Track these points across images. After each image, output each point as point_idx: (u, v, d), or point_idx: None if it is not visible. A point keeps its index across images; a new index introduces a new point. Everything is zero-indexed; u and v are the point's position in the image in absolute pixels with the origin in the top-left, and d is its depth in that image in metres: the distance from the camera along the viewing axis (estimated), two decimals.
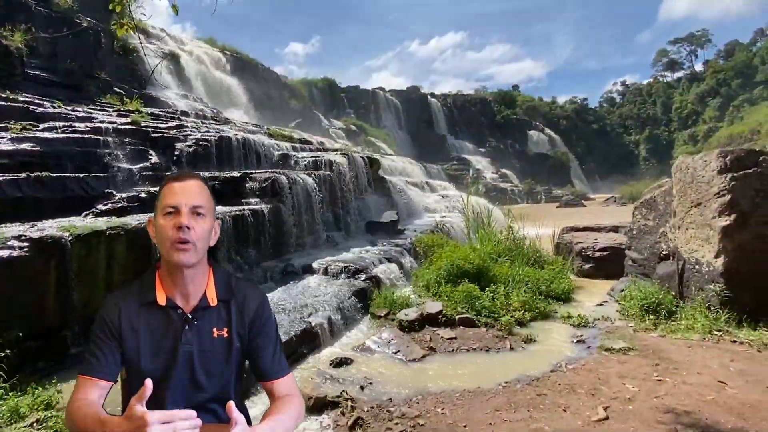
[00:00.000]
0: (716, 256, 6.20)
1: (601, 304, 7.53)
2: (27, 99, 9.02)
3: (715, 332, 5.70)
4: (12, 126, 7.48)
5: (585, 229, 10.90)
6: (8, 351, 4.30)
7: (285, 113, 33.61)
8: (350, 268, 8.08)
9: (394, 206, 14.19)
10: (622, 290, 7.56)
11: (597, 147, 77.30)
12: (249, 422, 1.28)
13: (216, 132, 10.94)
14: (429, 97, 66.45)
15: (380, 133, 49.06)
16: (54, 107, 9.18)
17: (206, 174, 8.94)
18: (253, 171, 9.49)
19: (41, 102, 9.19)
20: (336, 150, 15.08)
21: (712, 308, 6.01)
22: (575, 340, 5.92)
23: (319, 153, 13.23)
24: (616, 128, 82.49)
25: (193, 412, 1.16)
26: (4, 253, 4.75)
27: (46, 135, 7.59)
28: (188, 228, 1.36)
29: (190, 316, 1.44)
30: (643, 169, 67.91)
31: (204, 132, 10.70)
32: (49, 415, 3.72)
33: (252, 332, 1.50)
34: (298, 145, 14.04)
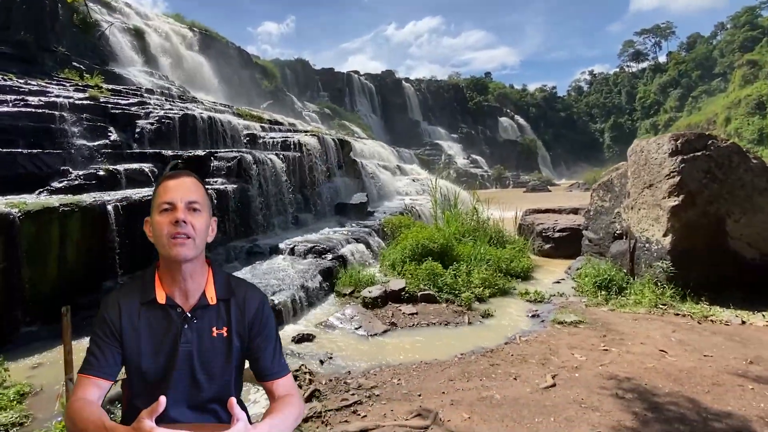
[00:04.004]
0: (665, 235, 6.54)
1: (558, 282, 7.84)
2: None
3: (661, 306, 6.06)
4: None
5: (546, 211, 11.20)
6: None
7: (256, 94, 32.80)
8: (317, 248, 8.10)
9: (364, 189, 14.22)
10: (578, 268, 7.87)
11: (564, 134, 79.10)
12: (249, 421, 1.26)
13: (180, 110, 10.59)
14: (403, 81, 66.19)
15: (354, 117, 48.67)
16: (4, 79, 8.67)
17: (169, 152, 8.70)
18: (219, 150, 9.30)
19: None
20: (306, 131, 14.90)
21: (659, 284, 6.37)
22: (530, 315, 6.16)
23: (289, 134, 13.05)
24: (583, 116, 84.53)
25: None
26: None
27: None
28: (185, 222, 1.36)
29: (189, 315, 1.43)
30: (607, 156, 69.88)
31: (167, 110, 10.34)
32: None
33: (252, 332, 1.49)
34: (267, 126, 13.79)
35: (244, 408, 1.41)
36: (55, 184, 6.80)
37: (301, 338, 5.40)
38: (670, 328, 5.30)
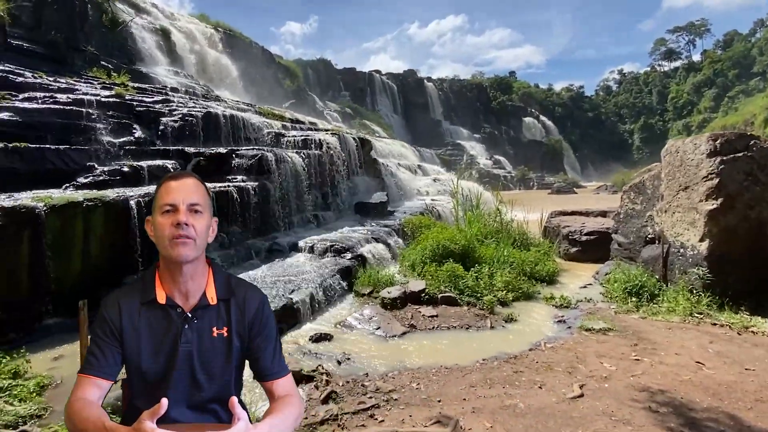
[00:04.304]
0: (701, 240, 6.20)
1: (585, 287, 7.55)
2: (6, 68, 8.75)
3: (696, 315, 5.73)
4: None
5: (573, 213, 10.88)
6: None
7: (279, 94, 33.09)
8: (336, 246, 8.04)
9: (384, 188, 14.11)
10: (607, 273, 7.58)
11: (591, 135, 77.18)
12: (249, 421, 1.25)
13: (203, 108, 10.71)
14: (426, 81, 65.75)
15: (375, 116, 48.61)
16: (35, 77, 8.92)
17: (191, 150, 8.78)
18: (240, 148, 9.34)
19: (21, 72, 8.92)
20: (327, 130, 14.89)
21: (694, 291, 6.03)
22: (556, 320, 5.93)
23: (310, 132, 13.05)
24: (611, 117, 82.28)
25: None
26: None
27: (26, 105, 7.38)
28: (186, 225, 1.36)
29: (189, 315, 1.43)
30: (637, 158, 67.87)
31: (191, 107, 10.47)
32: (15, 383, 3.68)
33: (252, 332, 1.49)
34: (288, 124, 13.83)
35: (244, 408, 1.38)
36: (81, 180, 6.92)
37: (319, 338, 5.32)
38: (706, 339, 5.01)
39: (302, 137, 11.94)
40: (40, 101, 7.76)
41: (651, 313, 5.98)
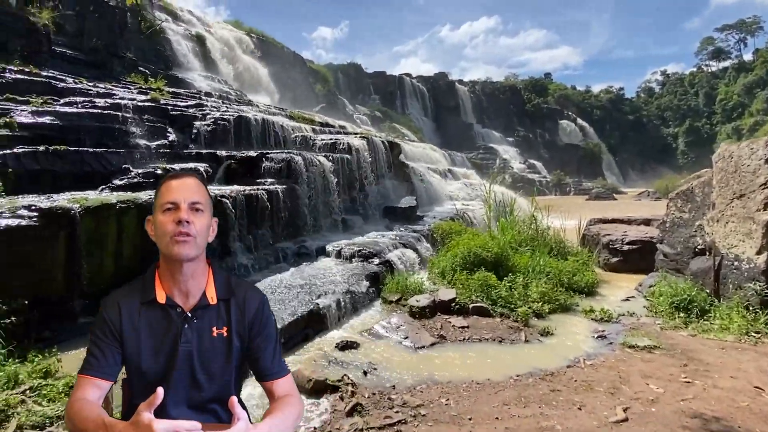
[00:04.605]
0: (758, 253, 5.71)
1: (628, 299, 7.11)
2: (49, 74, 9.16)
3: (753, 334, 5.26)
4: (33, 99, 7.58)
5: (614, 221, 10.36)
6: (13, 318, 4.32)
7: (310, 98, 33.53)
8: (364, 251, 7.92)
9: (413, 192, 13.93)
10: (651, 286, 7.12)
11: (632, 139, 73.97)
12: (249, 421, 1.25)
13: (235, 112, 10.87)
14: (457, 84, 65.04)
15: (405, 119, 48.46)
16: (76, 83, 9.29)
17: (223, 153, 8.89)
18: (270, 151, 9.38)
19: (63, 77, 9.33)
20: (356, 133, 14.85)
21: (750, 308, 5.56)
22: (596, 335, 5.57)
23: (339, 136, 13.04)
24: (654, 120, 78.66)
25: (198, 424, 1.15)
26: (13, 221, 4.77)
27: (66, 109, 7.67)
28: (188, 222, 1.36)
29: (189, 315, 1.43)
30: (681, 162, 64.64)
31: (223, 112, 10.66)
32: (45, 383, 3.70)
33: (252, 332, 1.49)
34: (318, 128, 13.88)
35: (244, 408, 1.36)
36: (117, 182, 7.08)
37: (345, 345, 5.18)
38: (766, 361, 4.56)
39: (331, 141, 11.95)
40: (79, 105, 8.05)
41: (701, 331, 5.53)
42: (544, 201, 11.11)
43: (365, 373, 4.54)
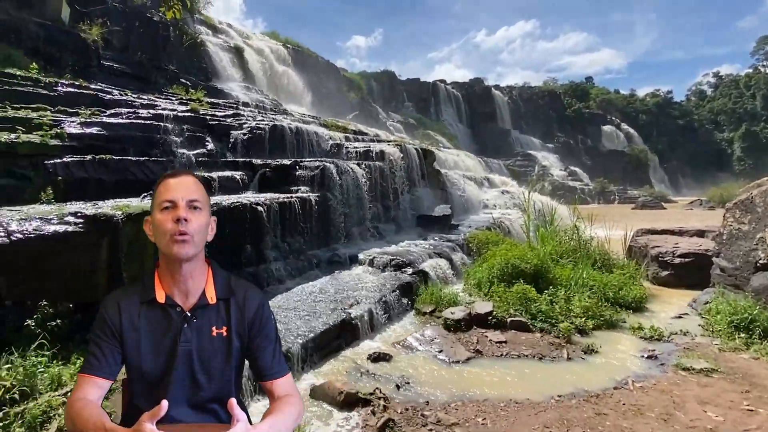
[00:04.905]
0: None
1: (680, 317, 6.62)
2: (97, 87, 9.65)
3: None
4: (82, 111, 7.98)
5: (664, 232, 9.78)
6: (58, 321, 4.46)
7: (343, 106, 33.94)
8: (397, 261, 7.79)
9: (448, 200, 13.68)
10: (707, 302, 6.62)
11: (682, 144, 70.09)
12: (249, 421, 1.26)
13: (270, 121, 11.08)
14: (493, 89, 63.97)
15: (439, 126, 48.11)
16: (121, 95, 9.74)
17: (258, 161, 9.03)
18: (304, 159, 9.46)
19: (110, 90, 9.81)
20: (389, 141, 14.80)
21: None
22: (646, 355, 5.19)
23: (372, 143, 13.02)
24: (706, 124, 74.30)
25: None
26: (60, 227, 4.95)
27: (112, 120, 8.02)
28: (186, 220, 1.36)
29: (189, 315, 1.43)
30: (738, 170, 60.65)
31: (259, 121, 10.89)
32: None
33: (252, 332, 1.49)
34: (351, 136, 13.93)
35: (243, 408, 1.40)
36: None
37: (378, 357, 5.06)
38: None
39: (364, 148, 11.93)
40: (124, 116, 8.42)
41: (765, 354, 5.04)
42: (587, 210, 10.60)
43: (398, 386, 4.41)
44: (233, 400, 1.22)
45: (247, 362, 1.55)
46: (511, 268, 6.97)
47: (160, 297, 1.43)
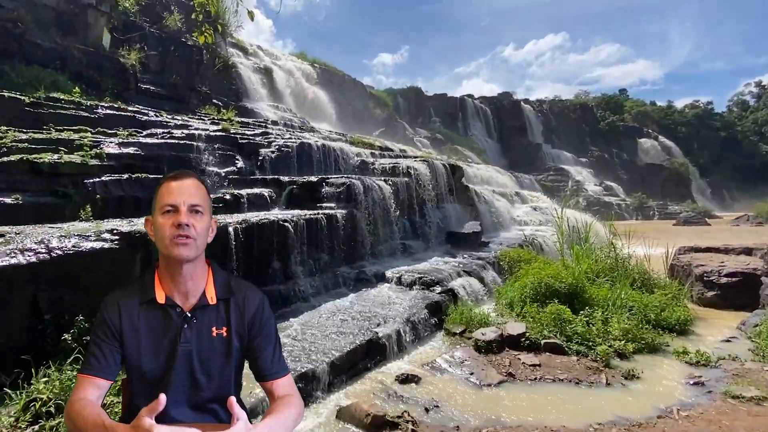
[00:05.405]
0: None
1: (729, 340, 6.19)
2: (134, 109, 10.14)
3: None
4: (120, 132, 8.36)
5: (708, 249, 9.27)
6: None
7: (370, 123, 34.31)
8: (425, 279, 7.66)
9: (477, 217, 13.42)
10: (757, 325, 6.21)
11: (725, 157, 66.74)
12: (249, 421, 1.26)
13: (297, 139, 11.30)
14: (522, 103, 63.16)
15: (467, 141, 47.75)
16: (157, 116, 10.18)
17: (286, 178, 9.18)
18: (330, 176, 9.54)
19: (146, 111, 10.30)
20: (416, 157, 14.77)
21: None
22: (691, 382, 4.86)
23: (398, 159, 13.03)
24: (750, 136, 70.69)
25: (197, 431, 1.16)
26: (98, 244, 5.11)
27: (148, 140, 8.39)
28: (188, 226, 1.38)
29: (189, 315, 1.44)
30: None
31: (287, 139, 11.13)
32: (118, 400, 3.81)
33: (252, 332, 1.50)
34: (377, 152, 14.00)
35: (243, 408, 1.37)
36: None
37: (406, 379, 4.92)
38: None
39: (390, 165, 11.94)
40: (159, 137, 8.79)
41: None
42: (624, 226, 10.15)
43: (426, 410, 4.27)
44: (233, 399, 1.23)
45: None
46: (544, 287, 6.71)
47: (160, 297, 1.44)
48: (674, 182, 53.10)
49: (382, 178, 10.51)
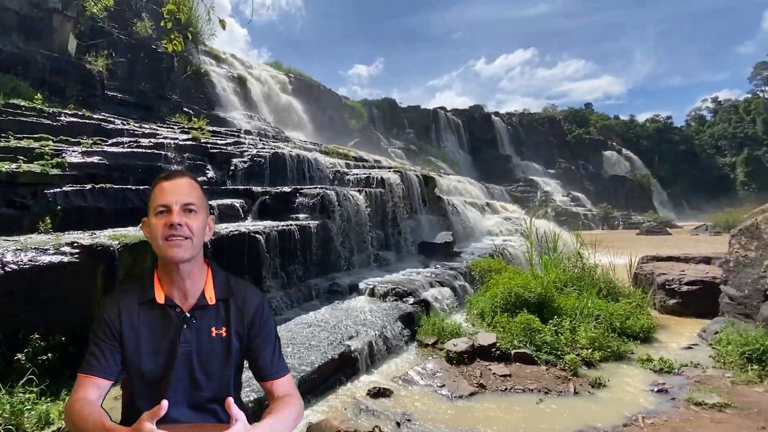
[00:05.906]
0: None
1: (690, 347, 6.41)
2: (100, 117, 9.81)
3: None
4: (84, 141, 8.06)
5: (669, 258, 9.62)
6: (49, 355, 4.33)
7: (344, 133, 34.36)
8: (398, 290, 7.63)
9: (450, 227, 13.55)
10: (717, 332, 6.43)
11: (684, 170, 70.14)
12: (248, 421, 1.25)
13: (271, 149, 11.16)
14: (493, 116, 64.73)
15: (440, 152, 48.49)
16: (123, 124, 9.87)
17: (258, 189, 9.04)
18: (304, 187, 9.46)
19: (112, 119, 9.98)
20: (390, 167, 14.84)
21: None
22: (656, 389, 5.00)
23: (372, 170, 13.04)
24: (707, 149, 74.60)
25: None
26: (56, 258, 4.88)
27: (113, 149, 8.10)
28: (180, 225, 1.37)
29: (188, 315, 1.44)
30: (742, 194, 60.41)
31: (260, 149, 10.97)
32: None
33: (251, 332, 1.50)
34: (352, 162, 13.99)
35: (243, 408, 1.39)
36: None
37: (377, 393, 4.87)
38: None
39: (365, 175, 11.94)
40: (125, 146, 8.51)
41: None
42: (591, 236, 10.46)
43: (398, 424, 4.23)
44: (231, 400, 1.23)
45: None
46: (514, 297, 6.81)
47: (160, 298, 1.44)
48: (637, 193, 55.35)
49: (357, 189, 10.49)
